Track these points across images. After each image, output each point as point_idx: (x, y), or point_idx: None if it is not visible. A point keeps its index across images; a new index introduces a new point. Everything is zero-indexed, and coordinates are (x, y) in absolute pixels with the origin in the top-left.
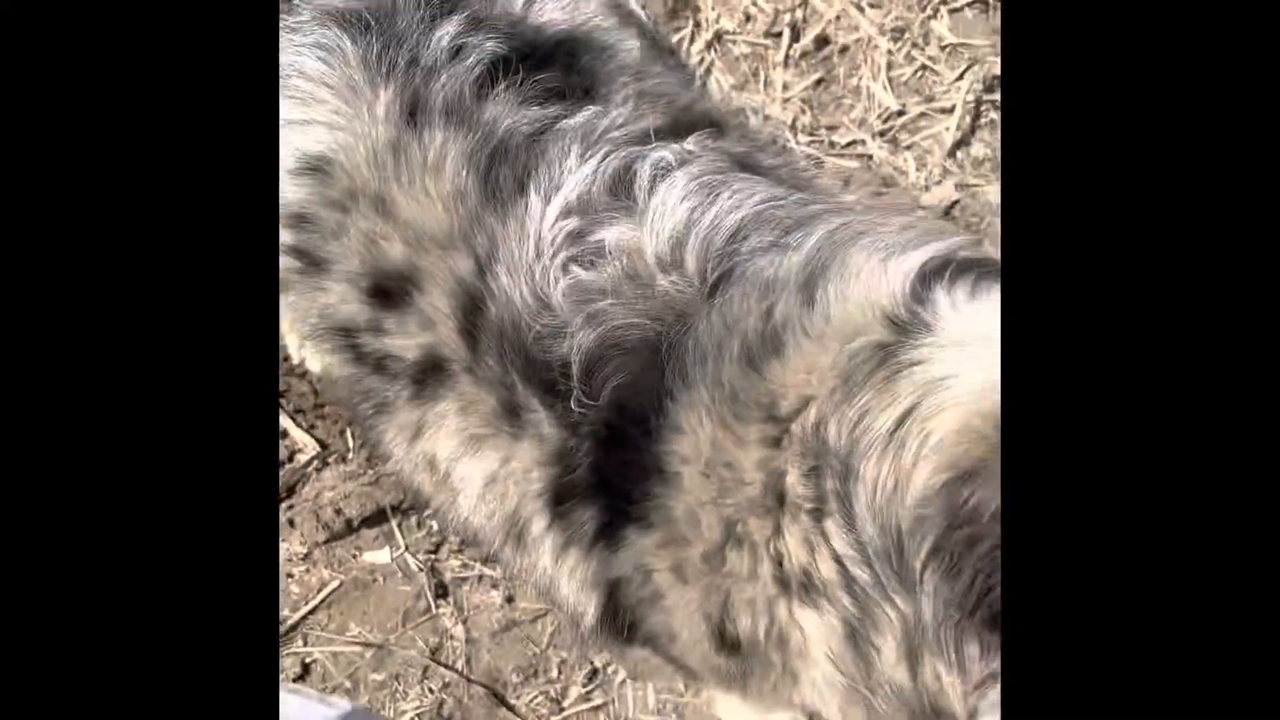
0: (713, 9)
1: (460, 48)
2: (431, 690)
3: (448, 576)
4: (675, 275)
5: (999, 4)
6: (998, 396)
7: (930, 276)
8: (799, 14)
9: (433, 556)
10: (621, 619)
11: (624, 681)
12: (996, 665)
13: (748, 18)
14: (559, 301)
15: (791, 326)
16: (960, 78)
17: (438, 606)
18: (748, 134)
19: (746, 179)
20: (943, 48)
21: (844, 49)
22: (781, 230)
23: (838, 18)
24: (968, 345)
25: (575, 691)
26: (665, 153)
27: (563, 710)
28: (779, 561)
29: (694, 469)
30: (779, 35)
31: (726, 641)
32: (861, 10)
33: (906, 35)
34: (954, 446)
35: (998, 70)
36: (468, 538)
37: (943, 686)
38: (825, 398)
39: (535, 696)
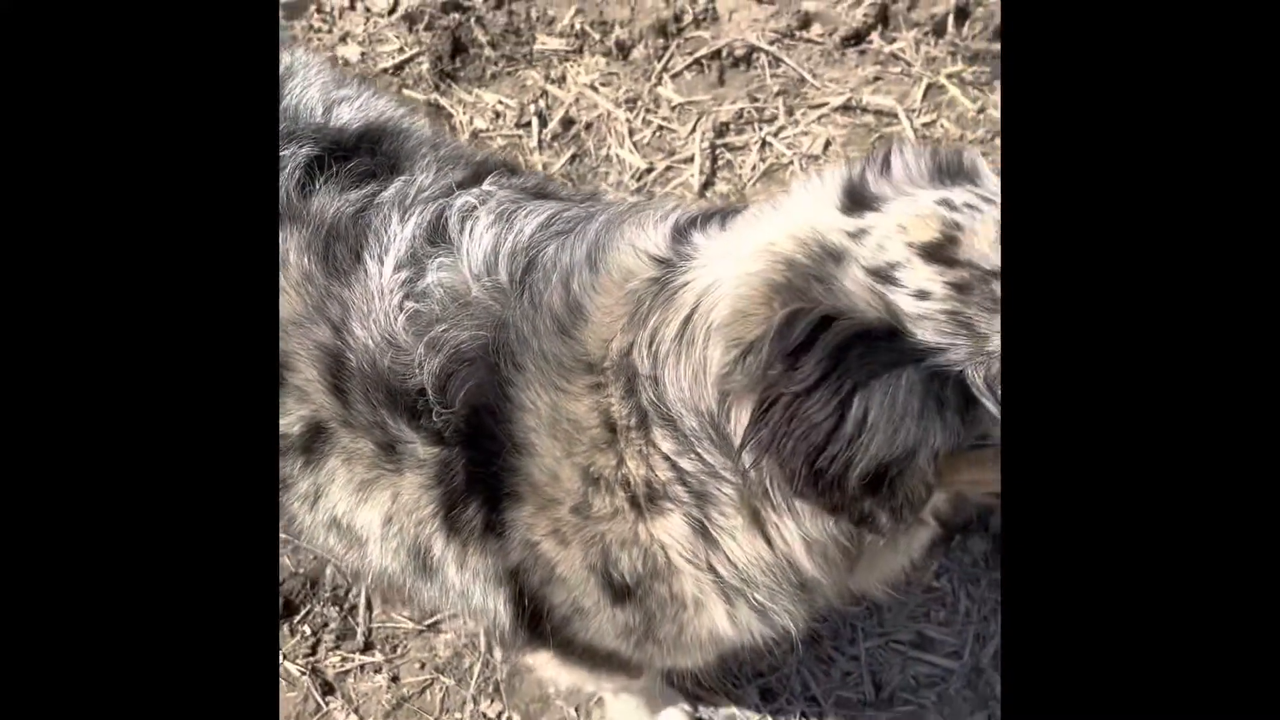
0: (465, 113)
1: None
2: None
3: (330, 674)
4: (488, 281)
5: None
6: (758, 282)
7: (686, 226)
8: (541, 103)
9: (312, 658)
10: (533, 611)
11: None
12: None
13: (497, 115)
14: (404, 339)
15: (585, 291)
16: (693, 130)
17: (327, 704)
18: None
19: (539, 202)
20: (673, 108)
21: (589, 125)
22: (569, 228)
23: (576, 100)
24: (725, 257)
25: None
26: (467, 198)
27: None
28: (628, 485)
29: (543, 434)
30: (529, 125)
31: (617, 590)
32: (596, 90)
33: (639, 103)
34: (730, 326)
35: (724, 118)
36: (387, 588)
37: (792, 547)
38: (621, 332)
39: None
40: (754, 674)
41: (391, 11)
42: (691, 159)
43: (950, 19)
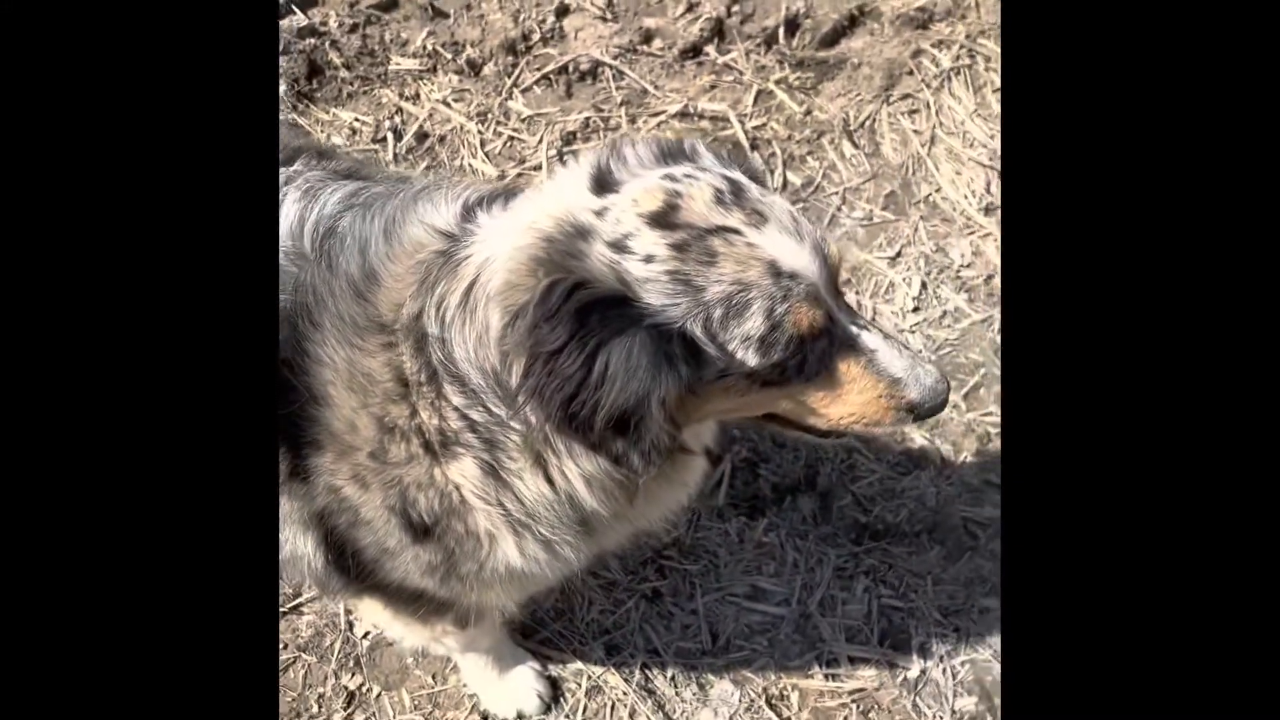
0: (322, 131)
1: None
2: None
3: None
4: (291, 250)
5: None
6: (524, 256)
7: (474, 205)
8: (397, 119)
9: None
10: (343, 553)
11: (379, 695)
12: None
13: (354, 131)
14: None
15: (380, 260)
16: (541, 140)
17: None
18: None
19: (346, 181)
20: (522, 120)
21: (442, 138)
22: (369, 203)
23: (430, 115)
24: (500, 234)
25: (338, 717)
26: None
27: None
28: (422, 433)
29: (340, 386)
30: (384, 140)
31: (417, 529)
32: (448, 105)
33: (490, 116)
34: (504, 294)
35: (571, 128)
36: None
37: (573, 485)
38: (412, 297)
39: None
40: (599, 630)
41: None
42: (540, 166)
43: (781, 31)
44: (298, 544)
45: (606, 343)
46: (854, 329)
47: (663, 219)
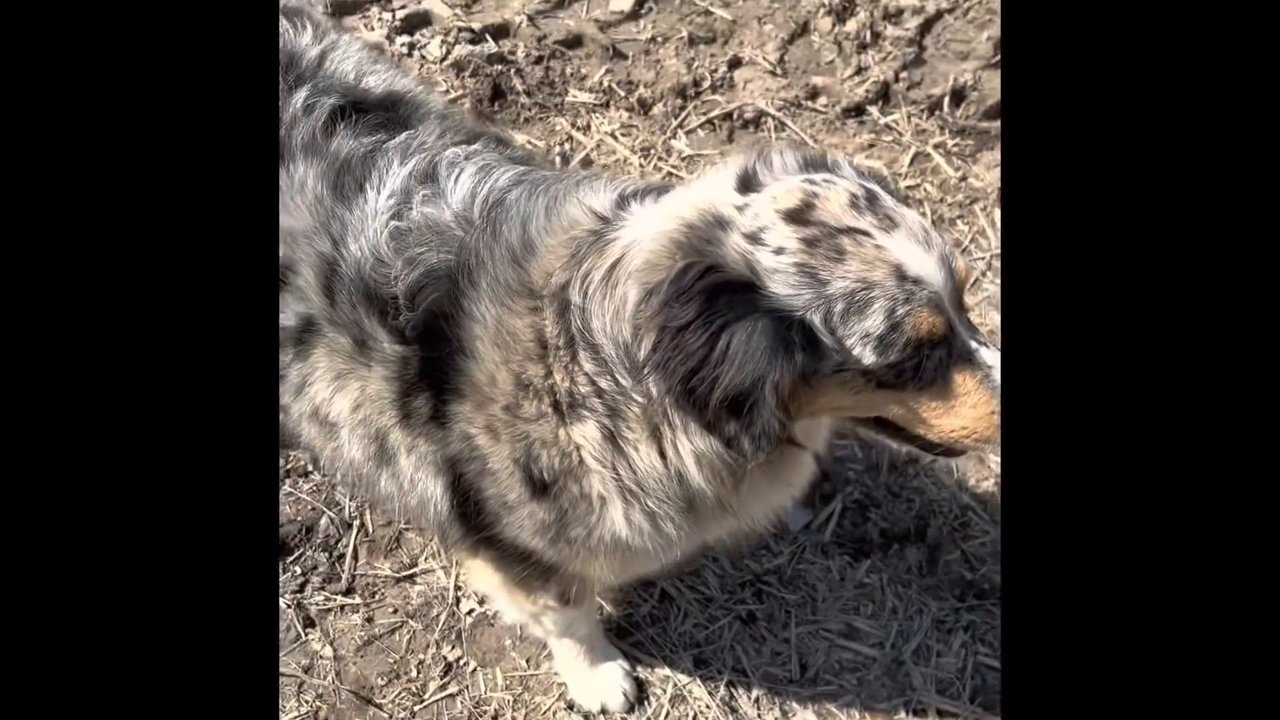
0: None
1: (311, 106)
2: (306, 701)
3: (313, 610)
4: (463, 222)
5: (731, 127)
6: (665, 240)
7: (628, 196)
8: (567, 146)
9: (299, 595)
10: (466, 501)
11: (475, 670)
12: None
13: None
14: (387, 253)
15: (539, 233)
16: (697, 178)
17: (306, 634)
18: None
19: (518, 164)
20: (683, 158)
21: (605, 166)
22: (536, 184)
23: (598, 145)
24: (647, 220)
25: (434, 684)
26: (456, 150)
27: (424, 701)
28: (553, 393)
29: (487, 342)
30: (553, 163)
31: (536, 484)
32: (615, 138)
33: (653, 151)
34: (642, 273)
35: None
36: (350, 479)
37: (684, 461)
38: (561, 268)
39: (399, 693)
40: (691, 643)
41: (443, 60)
42: None
43: (946, 100)
44: (428, 486)
45: (731, 324)
46: (973, 343)
47: (797, 215)
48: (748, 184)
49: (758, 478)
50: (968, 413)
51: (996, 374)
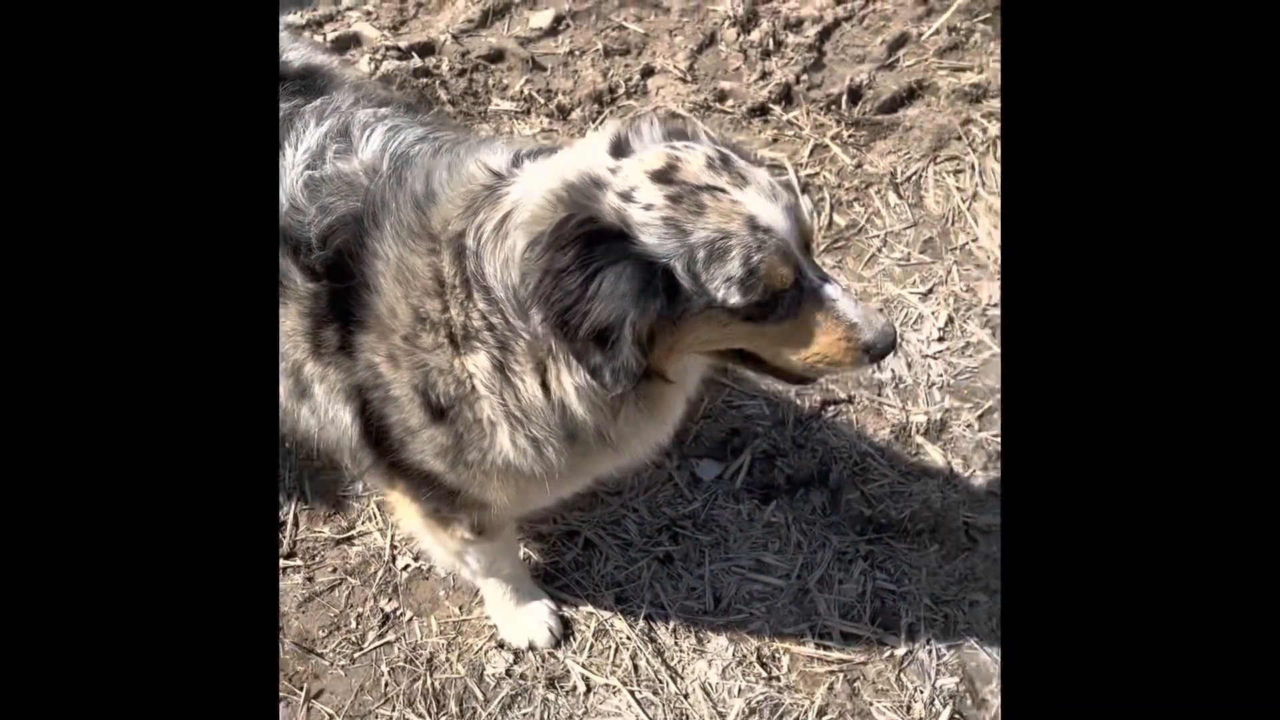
0: None
1: None
2: None
3: None
4: (370, 173)
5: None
6: (550, 196)
7: (523, 156)
8: None
9: None
10: (373, 427)
11: (411, 619)
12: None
13: None
14: (303, 202)
15: (440, 184)
16: None
17: None
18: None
19: (427, 125)
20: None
21: None
22: (440, 142)
23: None
24: (535, 178)
25: (372, 634)
26: (369, 112)
27: (363, 649)
28: (449, 326)
29: (389, 277)
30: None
31: (434, 409)
32: (537, 140)
33: None
34: (528, 224)
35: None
36: (289, 430)
37: (565, 392)
38: (459, 217)
39: (339, 643)
40: (612, 583)
41: (372, 75)
42: None
43: (844, 98)
44: (340, 414)
45: (604, 268)
46: (819, 281)
47: (663, 176)
48: (620, 150)
49: (634, 414)
50: (820, 340)
51: (840, 304)
